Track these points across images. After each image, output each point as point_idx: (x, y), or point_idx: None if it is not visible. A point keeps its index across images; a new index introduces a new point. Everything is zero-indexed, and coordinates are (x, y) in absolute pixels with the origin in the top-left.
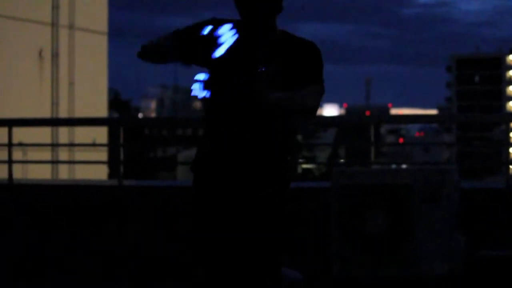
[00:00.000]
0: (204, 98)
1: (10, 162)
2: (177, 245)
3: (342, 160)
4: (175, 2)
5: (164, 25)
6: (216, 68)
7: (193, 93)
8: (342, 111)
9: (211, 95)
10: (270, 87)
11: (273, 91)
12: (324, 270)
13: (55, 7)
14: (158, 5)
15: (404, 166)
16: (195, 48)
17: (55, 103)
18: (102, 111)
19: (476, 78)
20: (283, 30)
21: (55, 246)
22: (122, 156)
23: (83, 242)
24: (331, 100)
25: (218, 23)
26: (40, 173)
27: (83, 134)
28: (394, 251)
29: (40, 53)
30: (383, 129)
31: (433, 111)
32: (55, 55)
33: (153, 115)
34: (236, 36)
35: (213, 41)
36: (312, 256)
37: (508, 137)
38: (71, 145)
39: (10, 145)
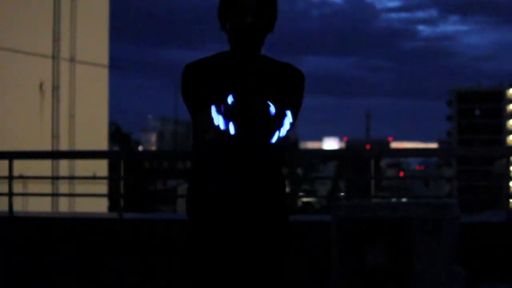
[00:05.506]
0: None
1: (10, 194)
2: (176, 279)
3: (342, 194)
4: (176, 35)
5: (165, 57)
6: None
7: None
8: (342, 145)
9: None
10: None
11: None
12: None
13: (56, 40)
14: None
15: (404, 199)
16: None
17: (55, 136)
18: (102, 144)
19: (477, 112)
20: (264, 55)
21: (55, 279)
22: (122, 189)
23: (83, 275)
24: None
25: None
26: (40, 205)
27: (83, 167)
28: (394, 285)
29: (40, 86)
30: (384, 162)
31: (434, 145)
32: (55, 88)
33: (153, 148)
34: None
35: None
36: None
37: (509, 170)
38: (72, 178)
39: (10, 177)
